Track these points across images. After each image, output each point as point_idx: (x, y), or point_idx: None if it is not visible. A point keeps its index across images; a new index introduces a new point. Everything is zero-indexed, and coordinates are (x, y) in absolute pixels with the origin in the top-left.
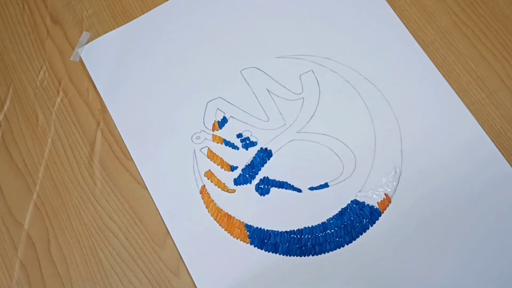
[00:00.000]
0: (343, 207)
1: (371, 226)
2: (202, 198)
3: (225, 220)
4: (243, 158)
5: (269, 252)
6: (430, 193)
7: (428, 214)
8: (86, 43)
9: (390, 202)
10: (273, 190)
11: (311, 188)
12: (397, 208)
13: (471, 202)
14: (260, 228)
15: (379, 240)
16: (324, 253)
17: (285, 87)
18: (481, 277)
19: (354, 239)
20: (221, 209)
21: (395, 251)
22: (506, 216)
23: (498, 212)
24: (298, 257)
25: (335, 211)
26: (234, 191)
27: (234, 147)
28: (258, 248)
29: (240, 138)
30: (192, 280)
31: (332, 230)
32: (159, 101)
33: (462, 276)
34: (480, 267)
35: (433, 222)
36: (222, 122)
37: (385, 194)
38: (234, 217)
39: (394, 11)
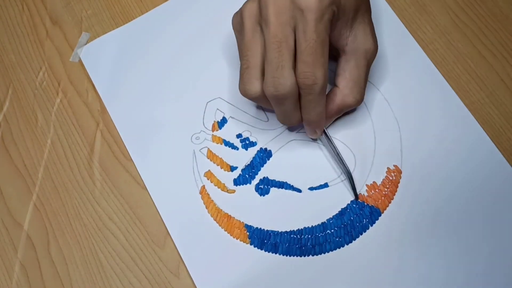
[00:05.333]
0: (343, 207)
1: (371, 226)
2: (202, 199)
3: (225, 221)
4: (242, 158)
5: (269, 252)
6: (430, 193)
7: (428, 213)
8: (86, 44)
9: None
10: (273, 190)
11: (311, 188)
12: (397, 207)
13: (471, 202)
14: (260, 228)
15: (379, 240)
16: (324, 253)
17: None
18: (482, 276)
19: (354, 239)
20: (221, 210)
21: (395, 251)
22: (506, 215)
23: (498, 211)
24: (298, 257)
25: (335, 211)
26: (234, 191)
27: (234, 147)
28: (258, 248)
29: (239, 138)
30: (192, 280)
31: (332, 230)
32: (158, 102)
33: (462, 275)
34: (480, 265)
35: (433, 221)
36: (222, 123)
37: (385, 195)
38: (234, 218)
39: (393, 11)
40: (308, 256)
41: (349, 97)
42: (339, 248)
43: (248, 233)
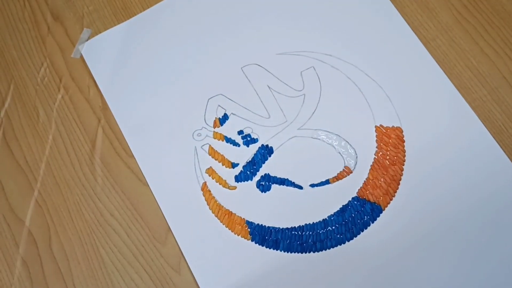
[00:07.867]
0: (344, 204)
1: (372, 223)
2: (203, 195)
3: (226, 217)
4: (244, 155)
5: (270, 248)
6: (431, 190)
7: (429, 210)
8: (87, 40)
9: (391, 199)
10: (274, 187)
11: (312, 185)
12: (398, 204)
13: (472, 198)
14: (261, 224)
15: (380, 237)
16: (325, 250)
17: (286, 84)
18: (483, 271)
19: (355, 236)
20: (222, 206)
21: (396, 248)
22: (507, 212)
23: (499, 208)
24: (299, 253)
25: (336, 208)
26: (235, 188)
27: (235, 144)
28: (259, 244)
29: (241, 135)
30: (193, 276)
31: (333, 227)
32: (160, 98)
33: (462, 273)
34: (482, 261)
35: (434, 218)
36: (223, 119)
37: (387, 192)
38: (235, 214)
39: (396, 7)
40: (309, 252)
41: None
42: (340, 245)
43: (249, 230)
